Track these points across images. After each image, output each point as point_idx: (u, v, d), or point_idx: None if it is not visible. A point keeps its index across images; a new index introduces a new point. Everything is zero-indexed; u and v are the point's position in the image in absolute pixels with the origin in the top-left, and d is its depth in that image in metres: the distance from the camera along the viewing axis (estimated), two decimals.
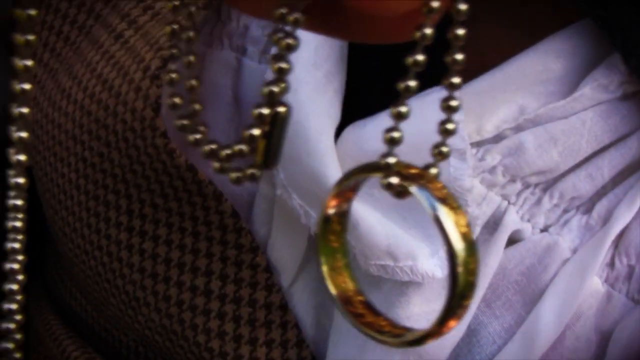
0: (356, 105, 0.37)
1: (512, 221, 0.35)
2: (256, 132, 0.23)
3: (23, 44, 0.22)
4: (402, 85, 0.23)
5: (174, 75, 0.25)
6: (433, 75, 0.25)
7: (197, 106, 0.25)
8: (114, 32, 0.41)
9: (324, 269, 0.26)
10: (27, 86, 0.23)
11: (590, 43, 0.35)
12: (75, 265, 0.43)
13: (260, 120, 0.23)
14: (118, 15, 0.41)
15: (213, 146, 0.24)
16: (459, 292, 0.24)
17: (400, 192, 0.24)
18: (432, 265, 0.35)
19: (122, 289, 0.40)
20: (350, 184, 0.26)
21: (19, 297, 0.26)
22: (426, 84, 0.34)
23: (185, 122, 0.25)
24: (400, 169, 0.24)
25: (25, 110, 0.23)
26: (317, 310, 0.39)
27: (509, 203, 0.35)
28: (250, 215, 0.39)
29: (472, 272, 0.24)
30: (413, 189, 0.24)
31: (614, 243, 0.35)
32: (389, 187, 0.24)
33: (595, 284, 0.35)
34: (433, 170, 0.24)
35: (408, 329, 0.26)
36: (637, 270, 0.35)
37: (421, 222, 0.35)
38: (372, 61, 0.38)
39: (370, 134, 0.35)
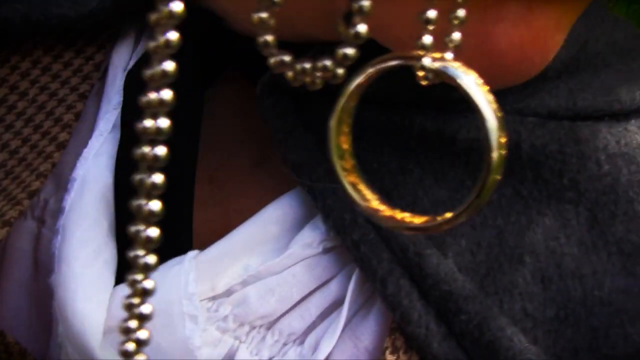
0: None
1: (243, 357, 0.43)
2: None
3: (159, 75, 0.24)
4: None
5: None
6: None
7: None
8: None
9: (338, 167, 0.29)
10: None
11: (299, 207, 0.43)
12: None
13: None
14: None
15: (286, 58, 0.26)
16: (494, 166, 0.24)
17: (426, 78, 0.25)
18: None
19: None
20: (370, 75, 0.27)
21: None
22: None
23: (264, 15, 0.26)
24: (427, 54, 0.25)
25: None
26: None
27: (240, 342, 0.43)
28: None
29: (503, 146, 0.24)
30: (446, 67, 0.25)
31: None
32: (423, 69, 0.25)
33: None
34: (448, 55, 0.26)
35: (432, 216, 0.27)
36: None
37: None
38: None
39: (117, 300, 0.43)
